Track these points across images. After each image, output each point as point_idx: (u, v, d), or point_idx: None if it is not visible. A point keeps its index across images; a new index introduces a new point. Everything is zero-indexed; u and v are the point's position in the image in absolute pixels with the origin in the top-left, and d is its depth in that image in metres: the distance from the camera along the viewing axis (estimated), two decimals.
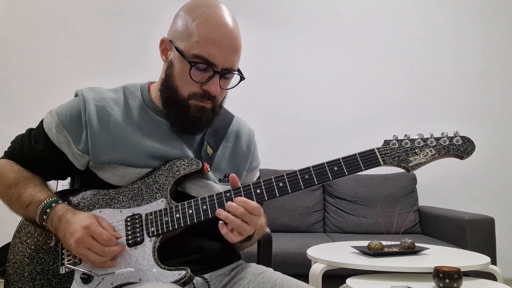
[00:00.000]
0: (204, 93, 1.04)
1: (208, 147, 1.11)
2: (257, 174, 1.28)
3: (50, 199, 1.00)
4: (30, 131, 1.12)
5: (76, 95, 1.10)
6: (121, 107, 1.09)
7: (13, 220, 1.11)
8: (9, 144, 1.13)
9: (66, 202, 1.02)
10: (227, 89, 1.09)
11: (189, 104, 1.05)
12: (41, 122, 1.10)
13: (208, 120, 1.09)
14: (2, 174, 1.07)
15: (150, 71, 1.50)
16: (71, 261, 0.99)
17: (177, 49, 1.04)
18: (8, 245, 1.09)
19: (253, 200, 0.98)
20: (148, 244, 0.98)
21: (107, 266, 0.96)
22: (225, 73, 1.05)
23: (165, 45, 1.09)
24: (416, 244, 2.22)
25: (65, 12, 3.60)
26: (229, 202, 0.97)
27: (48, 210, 0.98)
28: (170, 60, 1.07)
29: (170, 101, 1.07)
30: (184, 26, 1.03)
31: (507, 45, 3.78)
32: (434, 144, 0.99)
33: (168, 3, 3.61)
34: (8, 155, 1.12)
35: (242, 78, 1.09)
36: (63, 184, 1.18)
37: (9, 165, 1.08)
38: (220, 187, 1.11)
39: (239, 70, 1.08)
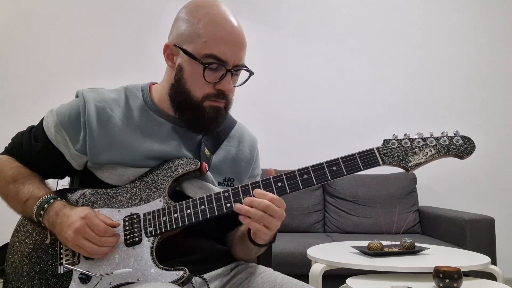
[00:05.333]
0: (218, 92, 1.04)
1: (205, 148, 1.11)
2: None
3: (49, 195, 1.01)
4: (31, 128, 1.12)
5: (77, 96, 1.10)
6: (121, 108, 1.09)
7: (13, 220, 1.11)
8: (10, 141, 1.13)
9: (64, 200, 1.03)
10: (238, 86, 1.09)
11: (204, 106, 1.04)
12: (41, 120, 1.10)
13: (222, 119, 1.09)
14: (1, 170, 1.07)
15: (152, 71, 1.50)
16: (69, 261, 0.98)
17: (185, 52, 1.02)
18: (6, 244, 1.09)
19: None
20: (146, 244, 0.98)
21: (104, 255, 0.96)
22: (236, 70, 1.05)
23: (170, 50, 1.07)
24: (416, 244, 2.22)
25: (65, 12, 3.59)
26: (250, 198, 0.95)
27: (46, 206, 0.98)
28: (178, 65, 1.05)
29: (183, 105, 1.06)
30: (190, 29, 1.03)
31: (509, 45, 3.78)
32: (434, 143, 0.97)
33: (168, 3, 3.61)
34: (8, 151, 1.12)
35: (251, 73, 1.08)
36: (63, 184, 1.18)
37: (9, 162, 1.09)
38: (218, 190, 1.09)
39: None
